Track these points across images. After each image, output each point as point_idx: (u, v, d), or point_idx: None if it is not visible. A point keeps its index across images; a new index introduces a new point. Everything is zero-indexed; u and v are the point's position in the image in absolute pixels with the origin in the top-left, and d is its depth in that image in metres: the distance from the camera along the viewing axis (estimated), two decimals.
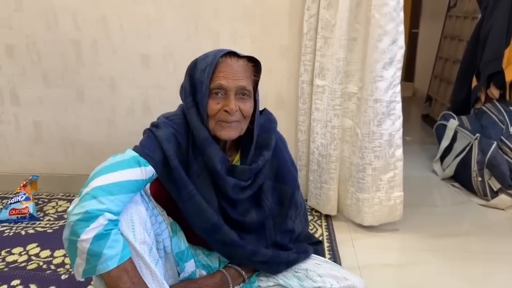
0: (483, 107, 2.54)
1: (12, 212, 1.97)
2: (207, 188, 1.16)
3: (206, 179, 1.16)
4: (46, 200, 2.21)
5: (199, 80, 1.13)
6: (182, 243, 1.20)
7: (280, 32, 2.02)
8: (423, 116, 4.02)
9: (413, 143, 3.34)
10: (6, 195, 2.23)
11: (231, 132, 1.15)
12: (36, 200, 2.14)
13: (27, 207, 1.99)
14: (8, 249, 1.73)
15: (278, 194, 1.26)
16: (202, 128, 1.14)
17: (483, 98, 2.65)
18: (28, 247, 1.75)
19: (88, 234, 0.93)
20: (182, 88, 1.20)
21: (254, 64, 1.20)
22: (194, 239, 1.23)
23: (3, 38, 2.11)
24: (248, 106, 1.16)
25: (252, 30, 2.03)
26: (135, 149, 1.11)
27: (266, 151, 1.21)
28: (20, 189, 2.05)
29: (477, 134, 2.30)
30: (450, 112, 2.70)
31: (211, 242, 1.20)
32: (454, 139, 2.52)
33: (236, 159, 1.24)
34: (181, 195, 1.13)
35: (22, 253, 1.71)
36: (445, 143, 2.58)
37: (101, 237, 0.94)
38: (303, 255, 1.28)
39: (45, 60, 2.13)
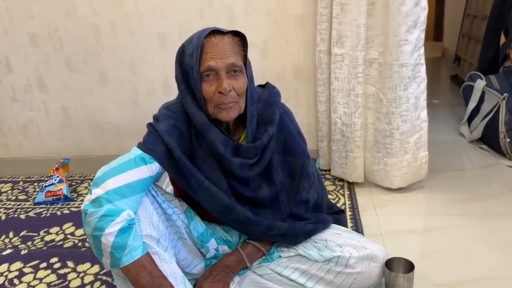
0: None
1: (47, 194, 2.08)
2: (215, 172, 1.17)
3: (212, 162, 1.17)
4: (78, 181, 2.31)
5: (189, 66, 1.11)
6: (199, 226, 1.24)
7: (294, 1, 1.99)
8: (451, 77, 3.90)
9: (442, 106, 3.26)
10: (41, 178, 2.34)
11: (230, 113, 1.13)
12: (69, 182, 2.24)
13: (61, 189, 2.09)
14: (46, 229, 1.84)
15: (288, 167, 1.26)
16: (199, 114, 1.14)
17: None
18: (64, 227, 1.85)
19: (113, 228, 0.98)
20: (176, 76, 1.18)
21: (241, 38, 1.15)
22: (211, 217, 1.26)
23: (26, 27, 2.17)
24: (241, 83, 1.13)
25: (266, 2, 2.01)
26: (139, 146, 1.13)
27: (270, 126, 1.20)
28: (53, 172, 2.15)
29: (505, 94, 2.23)
30: (477, 72, 2.61)
31: (227, 222, 1.23)
32: (481, 100, 2.45)
33: (243, 137, 1.23)
34: (190, 184, 1.15)
35: (59, 233, 1.81)
36: (472, 104, 2.50)
37: (125, 230, 1.00)
38: (320, 225, 1.30)
39: (67, 46, 2.18)
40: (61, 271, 1.53)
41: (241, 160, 1.17)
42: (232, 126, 1.22)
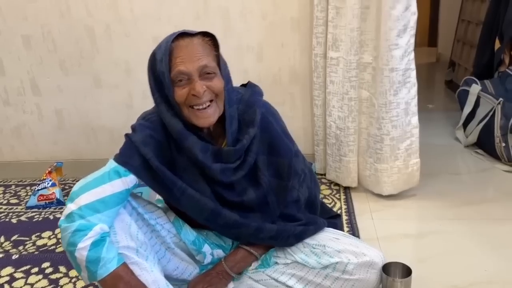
0: (507, 70, 2.46)
1: (40, 198, 2.05)
2: (197, 179, 1.14)
3: (194, 170, 1.14)
4: (72, 185, 2.26)
5: (161, 72, 1.06)
6: (189, 234, 1.22)
7: (290, 4, 1.99)
8: (446, 82, 3.91)
9: (437, 110, 3.27)
10: (34, 182, 2.31)
11: (209, 119, 1.10)
12: (62, 186, 2.21)
13: (53, 192, 2.06)
14: (38, 234, 1.81)
15: (274, 167, 1.22)
16: (174, 122, 1.10)
17: (507, 60, 2.56)
18: (56, 231, 1.82)
19: (85, 242, 0.98)
20: (149, 85, 1.13)
21: (211, 38, 1.11)
22: (201, 224, 1.23)
23: (19, 29, 2.15)
24: (216, 82, 1.09)
25: (261, 5, 2.00)
26: (115, 158, 1.11)
27: (251, 127, 1.16)
28: (46, 175, 2.13)
29: (500, 99, 2.23)
30: (473, 77, 2.62)
31: (215, 229, 1.21)
32: (476, 104, 2.45)
33: (225, 141, 1.19)
34: (173, 193, 1.12)
35: (51, 237, 1.78)
36: (467, 109, 2.51)
37: (98, 243, 0.99)
38: (311, 227, 1.26)
39: (61, 49, 2.16)
40: (53, 276, 1.51)
41: (221, 165, 1.13)
42: (214, 131, 1.18)
